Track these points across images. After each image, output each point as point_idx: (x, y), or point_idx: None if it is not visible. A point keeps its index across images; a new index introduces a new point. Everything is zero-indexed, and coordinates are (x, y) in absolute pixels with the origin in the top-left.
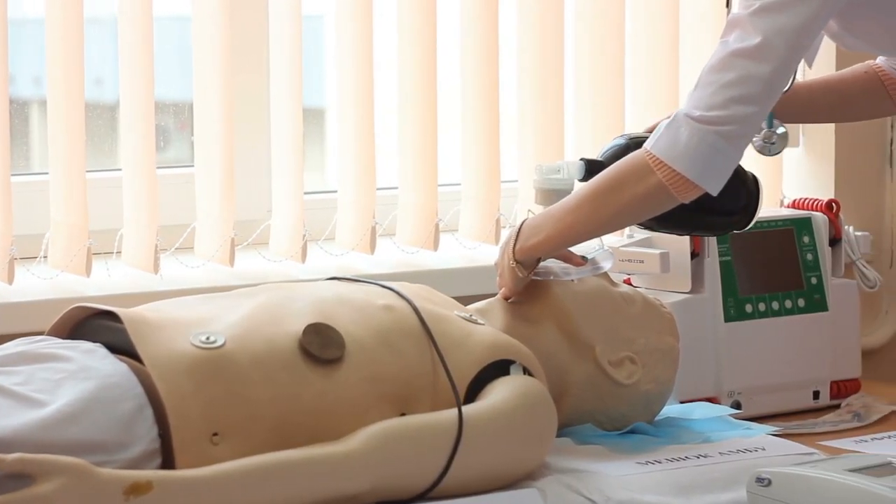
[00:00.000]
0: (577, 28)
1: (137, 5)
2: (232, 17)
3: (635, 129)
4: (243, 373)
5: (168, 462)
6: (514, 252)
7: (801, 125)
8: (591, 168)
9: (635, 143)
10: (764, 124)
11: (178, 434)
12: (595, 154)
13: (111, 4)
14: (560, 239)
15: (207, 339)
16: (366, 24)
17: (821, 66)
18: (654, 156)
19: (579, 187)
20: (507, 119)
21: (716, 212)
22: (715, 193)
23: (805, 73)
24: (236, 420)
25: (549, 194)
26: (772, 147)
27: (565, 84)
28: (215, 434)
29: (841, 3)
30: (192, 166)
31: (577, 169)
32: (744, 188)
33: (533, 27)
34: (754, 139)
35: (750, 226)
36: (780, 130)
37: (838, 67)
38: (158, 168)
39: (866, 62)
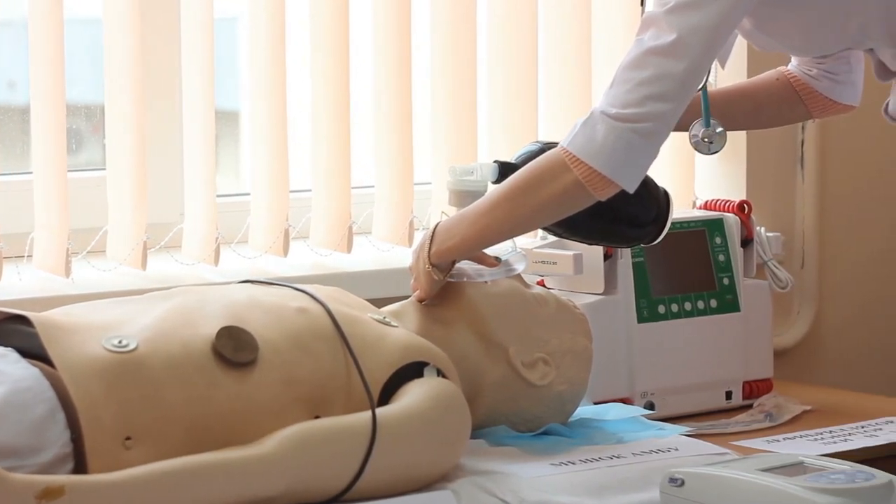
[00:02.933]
0: (490, 29)
1: (48, 8)
2: (143, 19)
3: (549, 130)
4: (156, 376)
5: (81, 466)
6: (429, 255)
7: None
8: (505, 170)
9: (549, 148)
10: (702, 123)
11: (90, 438)
12: (509, 157)
13: (22, 7)
14: (475, 241)
15: (120, 342)
16: (278, 26)
17: (733, 68)
18: (570, 153)
19: (493, 189)
20: (420, 121)
21: (627, 223)
22: (631, 191)
23: (717, 74)
24: (149, 424)
25: (463, 196)
26: (711, 146)
27: (478, 86)
28: (128, 438)
29: (754, 1)
30: (105, 169)
31: (491, 171)
32: (655, 201)
33: (446, 29)
34: (693, 139)
35: (659, 240)
36: (719, 130)
37: (750, 69)
38: (70, 171)
39: (777, 69)
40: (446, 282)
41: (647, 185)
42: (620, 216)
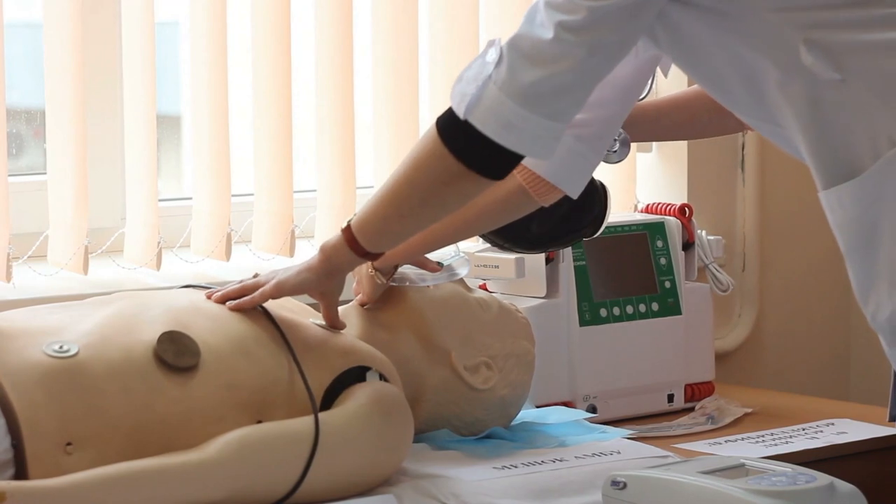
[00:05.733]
0: (432, 34)
1: None
2: (84, 23)
3: None
4: (97, 382)
5: (21, 472)
6: None
7: None
8: None
9: None
10: None
11: (30, 444)
12: None
13: None
14: (418, 245)
15: (60, 347)
16: (220, 30)
17: (674, 79)
18: None
19: None
20: (362, 125)
21: (570, 230)
22: (575, 196)
23: (657, 84)
24: (90, 429)
25: None
26: (613, 155)
27: (420, 91)
28: (69, 444)
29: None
30: (45, 174)
31: None
32: (595, 200)
33: (387, 32)
34: None
35: (598, 234)
36: (622, 136)
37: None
38: (11, 176)
39: None
40: (389, 286)
41: (590, 185)
42: (561, 218)
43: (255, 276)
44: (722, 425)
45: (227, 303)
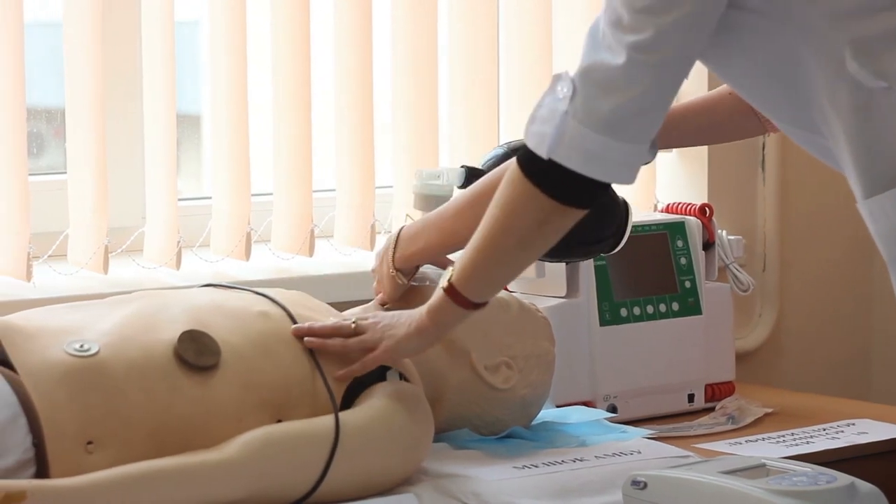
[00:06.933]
0: (451, 31)
1: (8, 11)
2: (104, 22)
3: (510, 133)
4: (117, 381)
5: (42, 471)
6: (393, 260)
7: None
8: (471, 175)
9: (514, 151)
10: None
11: (52, 443)
12: (472, 161)
13: None
14: (440, 246)
15: (81, 346)
16: (240, 29)
17: (694, 81)
18: None
19: (459, 194)
20: (381, 124)
21: (587, 241)
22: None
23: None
24: (111, 428)
25: (428, 200)
26: None
27: (440, 89)
28: (90, 443)
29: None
30: (66, 173)
31: (458, 176)
32: (615, 214)
33: (407, 31)
34: None
35: (616, 250)
36: None
37: (710, 84)
38: (31, 175)
39: None
40: (409, 286)
41: (609, 198)
42: (581, 230)
43: (353, 324)
44: (742, 425)
45: (341, 372)
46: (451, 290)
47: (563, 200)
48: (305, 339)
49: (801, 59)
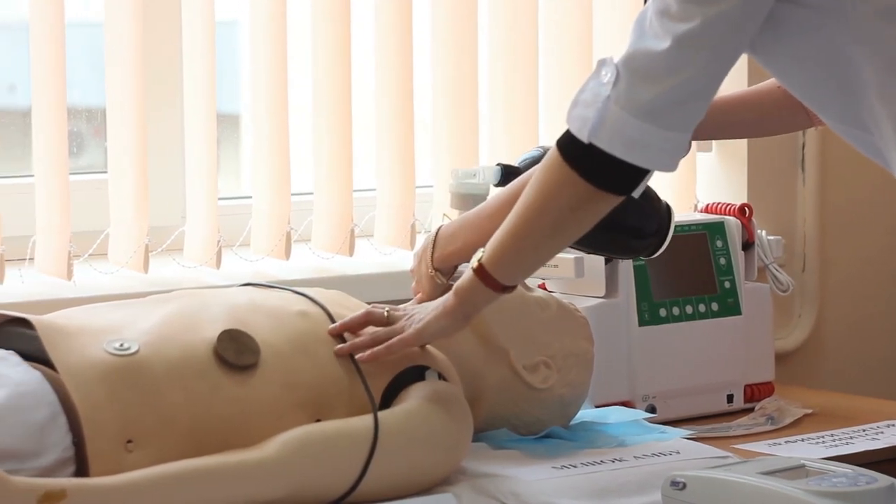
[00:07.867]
0: (491, 32)
1: (49, 11)
2: (144, 22)
3: (550, 133)
4: (157, 380)
5: (82, 470)
6: (432, 260)
7: None
8: (508, 174)
9: None
10: None
11: (91, 442)
12: (509, 160)
13: (22, 10)
14: (478, 245)
15: (121, 345)
16: (280, 29)
17: (735, 75)
18: None
19: (496, 192)
20: (421, 124)
21: (629, 233)
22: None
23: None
24: (150, 427)
25: (465, 199)
26: None
27: (480, 89)
28: (129, 441)
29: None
30: (106, 172)
31: (494, 174)
32: (657, 214)
33: (447, 31)
34: None
35: (658, 253)
36: None
37: (751, 79)
38: (72, 174)
39: None
40: (448, 286)
41: (651, 197)
42: (622, 226)
43: (386, 312)
44: (782, 426)
45: (362, 354)
46: (480, 270)
47: (600, 185)
48: (335, 348)
49: (851, 55)
